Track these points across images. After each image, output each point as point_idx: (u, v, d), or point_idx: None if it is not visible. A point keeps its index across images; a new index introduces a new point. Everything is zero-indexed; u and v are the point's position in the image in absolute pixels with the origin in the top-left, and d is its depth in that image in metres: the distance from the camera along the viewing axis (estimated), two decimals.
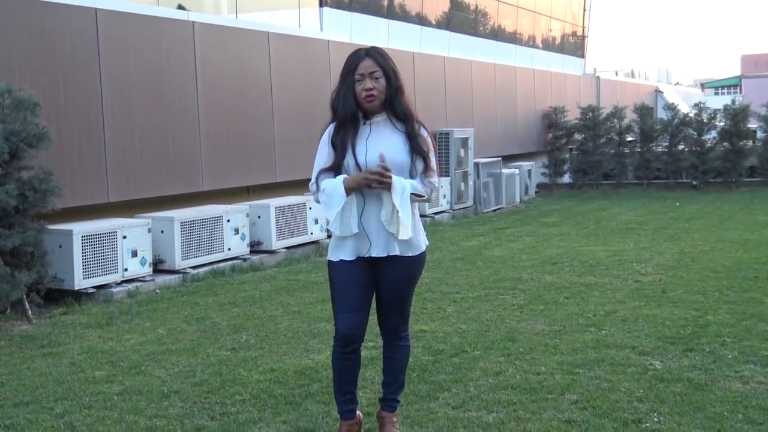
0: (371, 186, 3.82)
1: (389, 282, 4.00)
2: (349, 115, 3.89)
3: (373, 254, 3.92)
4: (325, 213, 3.93)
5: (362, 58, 3.90)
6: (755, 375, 5.05)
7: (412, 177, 3.97)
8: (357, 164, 3.88)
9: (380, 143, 3.91)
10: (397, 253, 3.94)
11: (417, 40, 16.52)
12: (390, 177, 3.80)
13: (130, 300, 8.03)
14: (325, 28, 13.71)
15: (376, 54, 3.92)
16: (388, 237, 3.91)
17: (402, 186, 3.85)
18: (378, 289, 4.03)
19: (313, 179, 3.97)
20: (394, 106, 3.93)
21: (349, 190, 3.83)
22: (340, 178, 3.86)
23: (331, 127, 3.97)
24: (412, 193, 3.91)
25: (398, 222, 3.86)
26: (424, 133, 4.01)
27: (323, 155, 3.98)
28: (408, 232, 3.91)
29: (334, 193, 3.84)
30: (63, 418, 4.63)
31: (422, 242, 4.07)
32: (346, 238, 3.92)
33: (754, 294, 7.38)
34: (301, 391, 4.99)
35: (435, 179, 4.06)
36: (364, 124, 3.94)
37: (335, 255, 3.99)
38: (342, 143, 3.90)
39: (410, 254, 3.98)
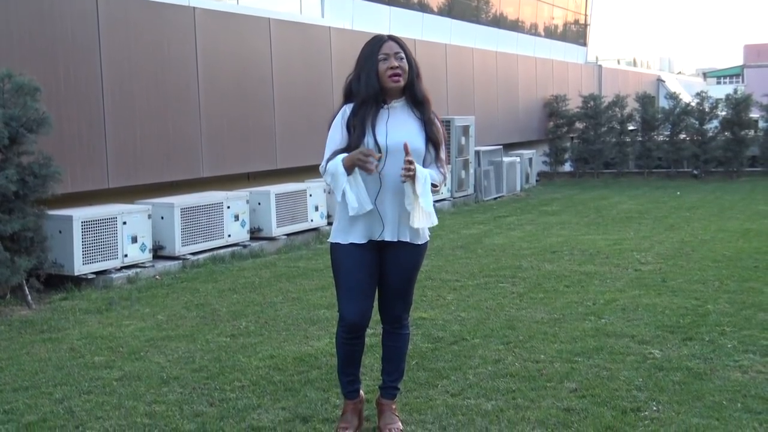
0: (362, 168, 3.75)
1: (396, 268, 3.99)
2: (371, 95, 3.88)
3: (387, 238, 3.92)
4: (335, 194, 3.90)
5: (386, 41, 3.94)
6: (754, 364, 5.05)
7: (425, 164, 3.98)
8: (377, 145, 3.86)
9: (400, 127, 3.91)
10: (407, 239, 3.95)
11: (418, 28, 16.46)
12: (414, 169, 3.78)
13: (129, 286, 8.04)
14: (326, 15, 13.66)
15: (397, 39, 3.99)
16: (401, 222, 3.92)
17: (424, 176, 3.86)
18: (383, 276, 4.02)
19: (324, 163, 3.92)
20: (414, 90, 3.97)
21: (348, 169, 3.80)
22: (340, 156, 3.83)
23: (345, 110, 3.94)
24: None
25: (420, 210, 3.86)
26: (437, 122, 4.05)
27: (336, 138, 3.93)
28: (434, 220, 3.91)
29: (337, 173, 3.82)
30: (62, 404, 4.63)
31: (427, 232, 4.07)
32: (357, 220, 3.91)
33: (754, 283, 7.38)
34: (301, 377, 5.00)
35: (445, 169, 4.09)
36: (383, 108, 3.94)
37: (343, 237, 3.96)
38: (361, 124, 3.87)
39: (417, 242, 4.00)
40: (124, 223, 8.31)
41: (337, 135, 3.93)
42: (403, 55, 3.92)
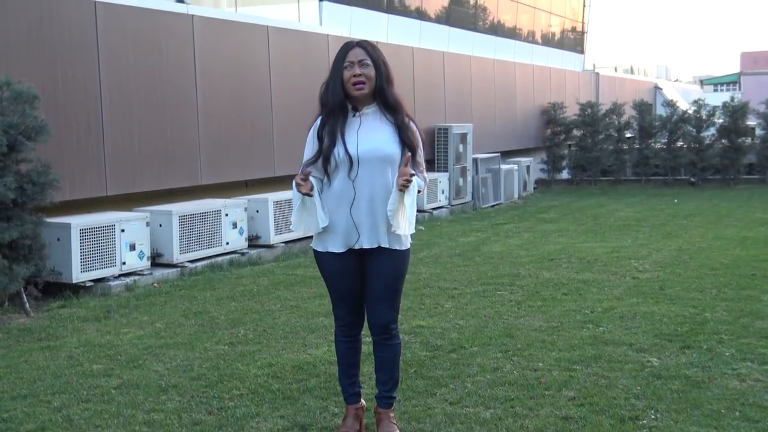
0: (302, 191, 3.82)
1: (378, 274, 4.01)
2: (337, 104, 3.92)
3: (365, 245, 3.96)
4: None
5: (352, 47, 3.96)
6: (752, 372, 5.06)
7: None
8: (348, 154, 3.89)
9: (371, 135, 3.93)
10: (386, 245, 3.97)
11: (416, 35, 16.49)
12: (412, 181, 3.84)
13: (128, 293, 8.03)
14: (324, 23, 13.68)
15: (366, 44, 3.98)
16: (378, 228, 3.95)
17: (414, 186, 3.91)
18: (366, 283, 4.05)
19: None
20: (385, 95, 3.97)
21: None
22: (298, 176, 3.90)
23: (317, 123, 4.00)
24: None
25: (403, 218, 3.91)
26: (413, 126, 4.05)
27: (308, 153, 4.02)
28: (411, 228, 3.98)
29: (294, 193, 3.92)
30: (61, 412, 4.63)
31: (409, 239, 4.09)
32: (332, 229, 3.98)
33: (752, 291, 7.39)
34: (299, 386, 5.00)
35: (426, 174, 4.15)
36: (354, 115, 3.97)
37: (322, 245, 4.05)
38: (331, 133, 3.92)
39: (397, 248, 4.01)
40: (123, 230, 8.31)
41: (308, 149, 4.01)
42: (368, 62, 3.91)
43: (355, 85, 3.89)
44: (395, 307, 4.11)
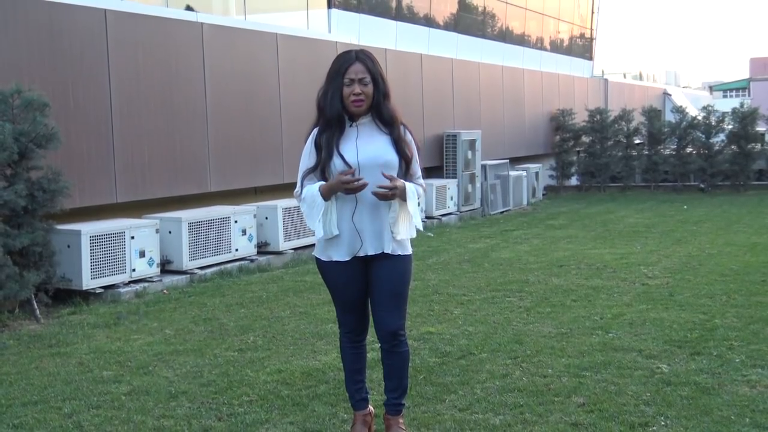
0: (352, 190, 3.84)
1: (383, 280, 4.02)
2: (334, 117, 3.94)
3: (369, 252, 3.98)
4: (307, 221, 4.03)
5: (353, 62, 3.94)
6: (762, 379, 5.04)
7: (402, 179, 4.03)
8: (347, 165, 3.92)
9: (370, 144, 3.97)
10: (390, 251, 3.99)
11: (425, 42, 16.52)
12: (397, 190, 3.85)
13: (137, 300, 8.06)
14: (333, 30, 13.72)
15: (365, 58, 3.97)
16: (382, 235, 3.98)
17: (412, 191, 3.97)
18: (371, 290, 4.06)
19: (299, 184, 4.05)
20: (381, 110, 3.99)
21: (326, 197, 3.91)
22: (317, 185, 3.93)
23: (314, 134, 4.02)
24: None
25: (403, 224, 3.98)
26: (408, 136, 4.08)
27: (306, 160, 4.04)
28: (413, 232, 4.05)
29: (314, 203, 3.93)
30: (71, 418, 4.65)
31: (409, 245, 4.12)
32: (335, 238, 3.99)
33: (762, 298, 7.37)
34: (308, 392, 5.01)
35: (422, 181, 4.19)
36: (351, 126, 3.99)
37: (325, 254, 4.06)
38: (327, 145, 3.95)
39: (400, 253, 4.03)
40: (132, 237, 8.34)
41: (306, 159, 4.04)
42: (368, 79, 3.92)
43: (354, 102, 3.92)
44: (402, 313, 4.11)
